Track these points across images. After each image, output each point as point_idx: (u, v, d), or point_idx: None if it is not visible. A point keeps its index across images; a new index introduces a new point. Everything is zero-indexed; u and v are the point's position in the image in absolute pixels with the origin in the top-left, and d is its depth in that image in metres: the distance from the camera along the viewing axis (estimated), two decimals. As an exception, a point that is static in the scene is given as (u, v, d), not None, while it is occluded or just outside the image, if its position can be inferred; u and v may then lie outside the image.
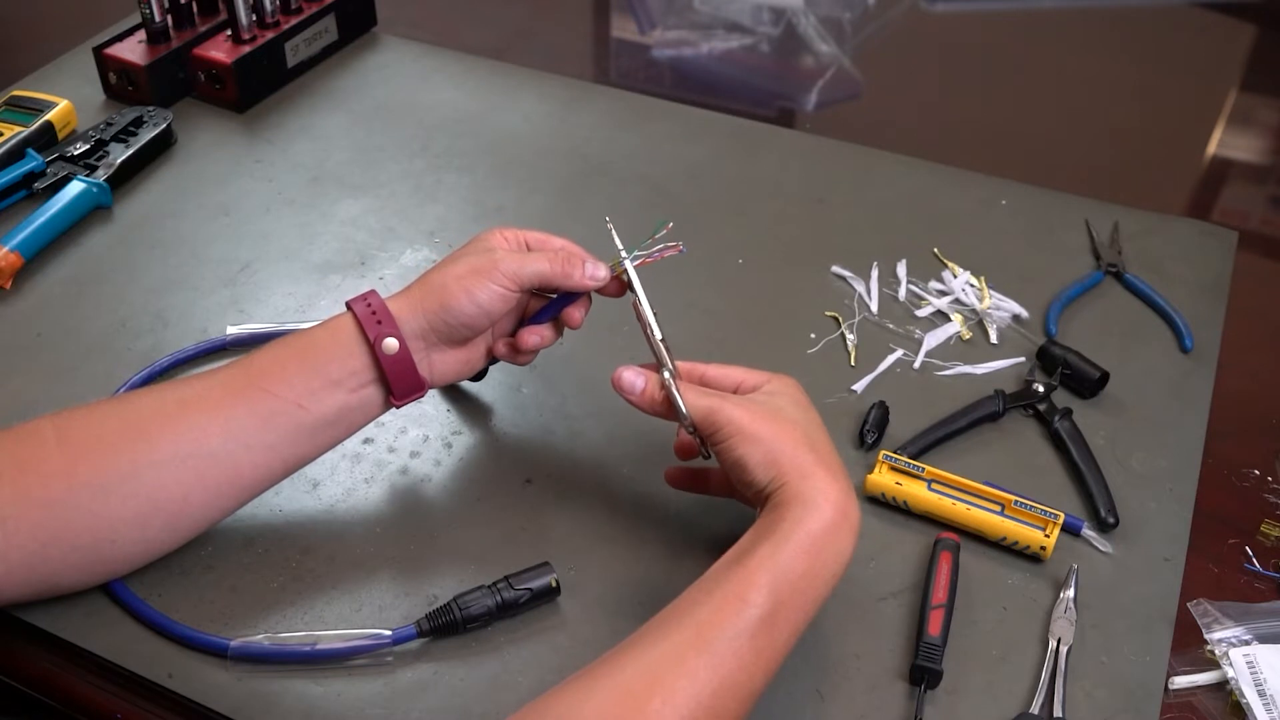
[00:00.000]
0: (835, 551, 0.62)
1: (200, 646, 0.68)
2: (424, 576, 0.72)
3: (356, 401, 0.71)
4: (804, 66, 1.33)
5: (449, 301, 0.71)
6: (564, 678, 0.59)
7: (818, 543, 0.61)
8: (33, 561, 0.65)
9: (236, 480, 0.69)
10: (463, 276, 0.71)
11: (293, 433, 0.69)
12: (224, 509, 0.70)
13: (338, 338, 0.70)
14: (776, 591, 0.60)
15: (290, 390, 0.69)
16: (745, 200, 1.04)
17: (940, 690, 0.67)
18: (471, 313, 0.71)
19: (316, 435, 0.70)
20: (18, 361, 0.86)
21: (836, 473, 0.64)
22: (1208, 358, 0.89)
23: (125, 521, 0.66)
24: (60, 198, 0.97)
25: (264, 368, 0.70)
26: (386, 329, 0.70)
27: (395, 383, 0.71)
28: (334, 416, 0.70)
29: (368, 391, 0.71)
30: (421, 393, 0.73)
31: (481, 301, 0.71)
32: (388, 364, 0.70)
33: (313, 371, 0.69)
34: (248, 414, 0.68)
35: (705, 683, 0.57)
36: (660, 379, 0.70)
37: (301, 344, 0.71)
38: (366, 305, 0.71)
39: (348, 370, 0.70)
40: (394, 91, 1.17)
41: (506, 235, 0.75)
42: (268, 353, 0.71)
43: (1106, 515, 0.76)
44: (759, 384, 0.70)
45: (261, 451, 0.69)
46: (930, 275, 0.96)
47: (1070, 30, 1.40)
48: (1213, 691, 0.68)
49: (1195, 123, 1.22)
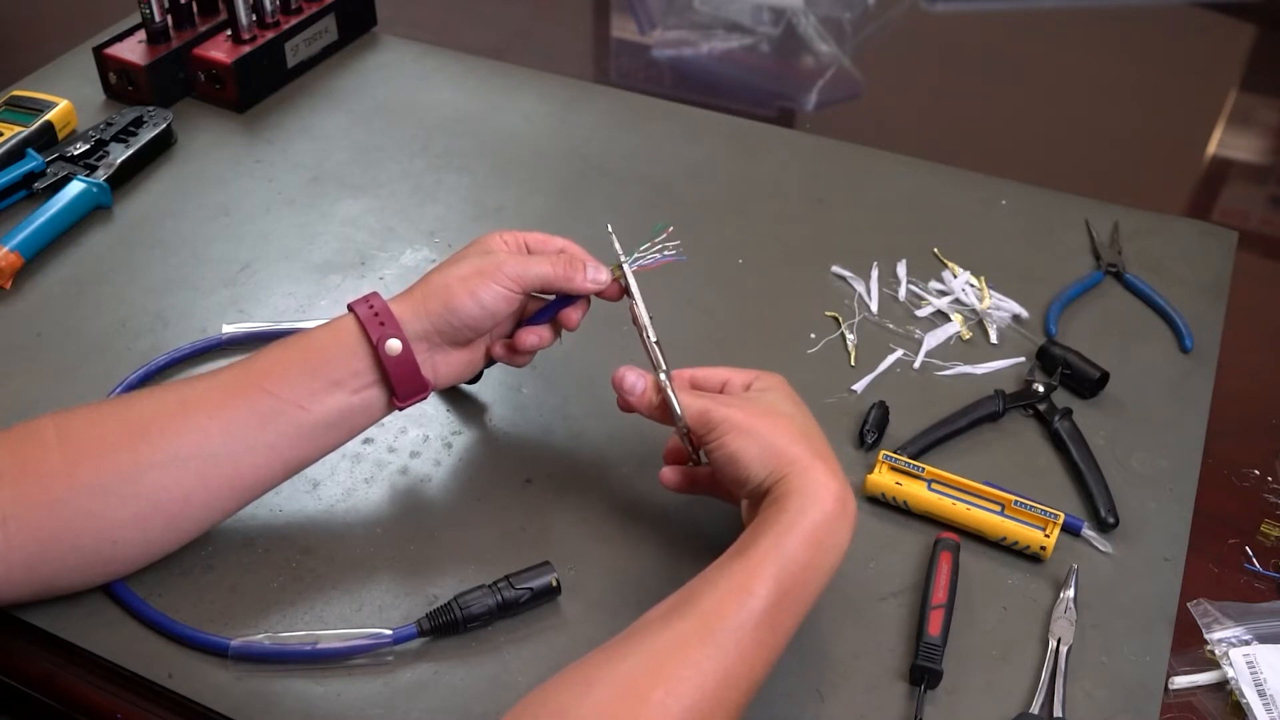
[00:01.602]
0: (835, 543, 0.63)
1: (201, 646, 0.68)
2: (424, 576, 0.72)
3: (358, 403, 0.71)
4: (804, 66, 1.33)
5: (453, 302, 0.71)
6: (564, 678, 0.59)
7: (820, 534, 0.62)
8: (33, 562, 0.65)
9: (237, 481, 0.69)
10: (467, 278, 0.71)
11: (294, 434, 0.69)
12: (225, 510, 0.70)
13: (340, 339, 0.70)
14: (780, 582, 0.60)
15: (292, 391, 0.68)
16: (745, 200, 1.04)
17: (940, 690, 0.67)
18: (475, 314, 0.71)
19: (318, 436, 0.70)
20: (18, 361, 0.86)
21: (833, 465, 0.65)
22: (1208, 358, 0.89)
23: (126, 522, 0.66)
24: (60, 198, 0.97)
25: (265, 369, 0.69)
26: (389, 330, 0.70)
27: (399, 384, 0.71)
28: (335, 418, 0.70)
29: (370, 393, 0.71)
30: (425, 394, 0.73)
31: (485, 302, 0.71)
32: (391, 365, 0.70)
33: (314, 373, 0.69)
34: (249, 415, 0.68)
35: (709, 674, 0.57)
36: (655, 381, 0.70)
37: (303, 345, 0.71)
38: (369, 307, 0.71)
39: (350, 371, 0.70)
40: (394, 91, 1.17)
41: (506, 238, 0.75)
42: (269, 354, 0.71)
43: (1106, 515, 0.76)
44: (747, 381, 0.70)
45: (263, 452, 0.69)
46: (930, 275, 0.96)
47: (1070, 30, 1.40)
48: (1213, 691, 0.68)
49: (1195, 123, 1.22)
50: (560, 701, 0.57)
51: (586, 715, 0.55)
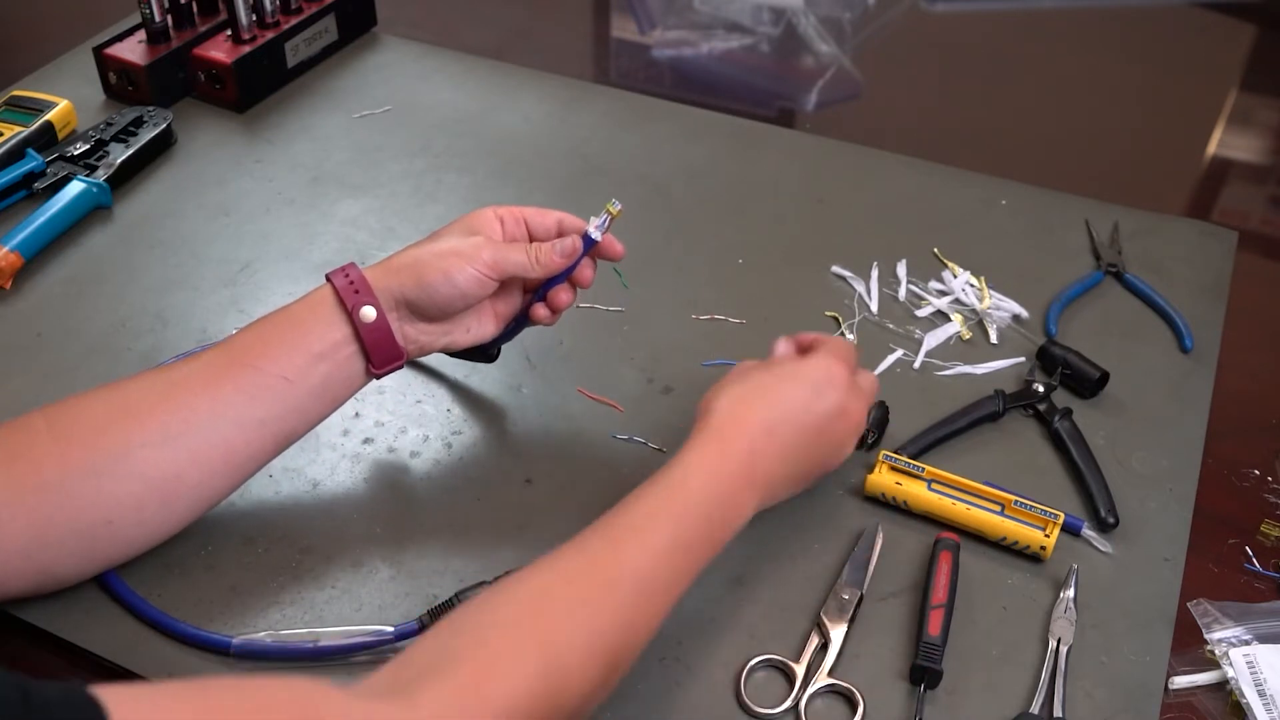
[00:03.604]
0: (737, 510, 0.67)
1: (202, 645, 0.68)
2: (424, 576, 0.72)
3: (341, 374, 0.72)
4: (804, 66, 1.33)
5: (425, 278, 0.72)
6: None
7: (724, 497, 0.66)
8: (30, 549, 0.65)
9: (228, 458, 0.69)
10: (443, 255, 0.72)
11: (280, 407, 0.70)
12: (218, 488, 0.70)
13: (317, 311, 0.71)
14: (680, 538, 0.63)
15: (275, 365, 0.69)
16: (745, 200, 1.04)
17: (940, 690, 0.67)
18: (446, 293, 0.72)
19: (304, 408, 0.71)
20: (18, 361, 0.86)
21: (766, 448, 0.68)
22: (1208, 358, 0.89)
23: (120, 502, 0.66)
24: (60, 198, 0.98)
25: (248, 344, 0.70)
26: (363, 298, 0.71)
27: (374, 351, 0.72)
28: (320, 389, 0.71)
29: (351, 363, 0.72)
30: (400, 362, 0.73)
31: (459, 283, 0.72)
32: (365, 332, 0.71)
33: (295, 345, 0.70)
34: (234, 391, 0.69)
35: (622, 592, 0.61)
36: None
37: (283, 319, 0.72)
38: (345, 277, 0.72)
39: (329, 342, 0.71)
40: (394, 91, 1.17)
41: (501, 212, 0.76)
42: (251, 330, 0.72)
43: (1106, 515, 0.76)
44: (810, 346, 0.75)
45: (252, 428, 0.69)
46: (930, 275, 0.96)
47: (1070, 30, 1.40)
48: (1213, 691, 0.68)
49: (1195, 123, 1.22)
50: (473, 612, 0.59)
51: (499, 620, 0.57)
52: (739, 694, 0.66)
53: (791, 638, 0.70)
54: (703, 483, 0.65)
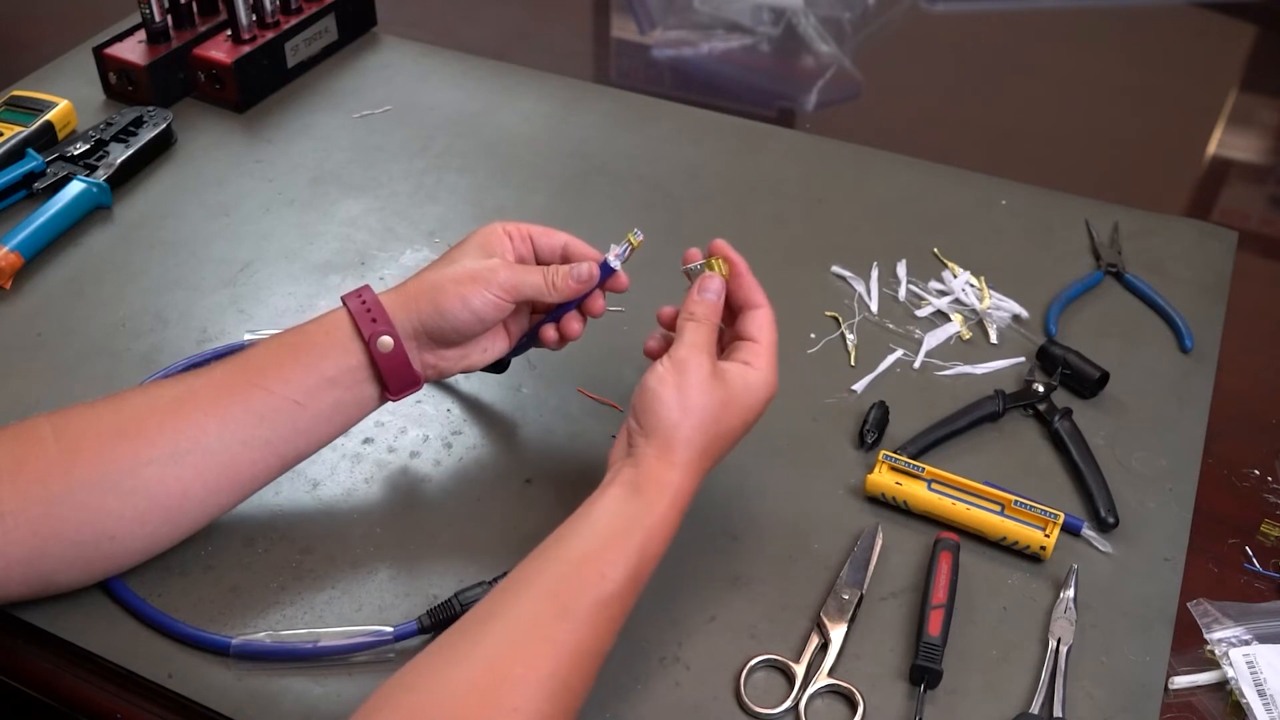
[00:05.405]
0: (672, 529, 0.65)
1: (202, 645, 0.68)
2: (424, 577, 0.72)
3: (352, 398, 0.71)
4: (804, 66, 1.33)
5: (443, 304, 0.71)
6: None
7: (667, 529, 0.64)
8: (32, 558, 0.65)
9: (235, 476, 0.69)
10: (460, 281, 0.71)
11: (290, 429, 0.69)
12: (222, 505, 0.70)
13: (333, 336, 0.70)
14: (632, 568, 0.61)
15: (286, 387, 0.69)
16: (745, 200, 1.04)
17: (940, 690, 0.67)
18: (464, 319, 0.71)
19: (314, 431, 0.71)
20: (18, 361, 0.86)
21: (699, 464, 0.66)
22: (1208, 358, 0.89)
23: (124, 518, 0.66)
24: (60, 198, 0.98)
25: (260, 365, 0.70)
26: (381, 327, 0.70)
27: (390, 379, 0.71)
28: (330, 413, 0.70)
29: (363, 388, 0.71)
30: (417, 388, 0.73)
31: (476, 308, 0.71)
32: (383, 361, 0.70)
33: (308, 369, 0.69)
34: (244, 411, 0.68)
35: (567, 646, 0.58)
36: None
37: (297, 340, 0.71)
38: (361, 302, 0.71)
39: (343, 368, 0.70)
40: (394, 91, 1.17)
41: (509, 229, 0.75)
42: (263, 349, 0.71)
43: (1106, 515, 0.76)
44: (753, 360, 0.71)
45: (259, 448, 0.69)
46: (930, 275, 0.96)
47: (1070, 30, 1.40)
48: (1213, 691, 0.68)
49: (1195, 123, 1.22)
50: (422, 685, 0.57)
51: (450, 695, 0.56)
52: (739, 694, 0.66)
53: (791, 638, 0.70)
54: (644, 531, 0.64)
